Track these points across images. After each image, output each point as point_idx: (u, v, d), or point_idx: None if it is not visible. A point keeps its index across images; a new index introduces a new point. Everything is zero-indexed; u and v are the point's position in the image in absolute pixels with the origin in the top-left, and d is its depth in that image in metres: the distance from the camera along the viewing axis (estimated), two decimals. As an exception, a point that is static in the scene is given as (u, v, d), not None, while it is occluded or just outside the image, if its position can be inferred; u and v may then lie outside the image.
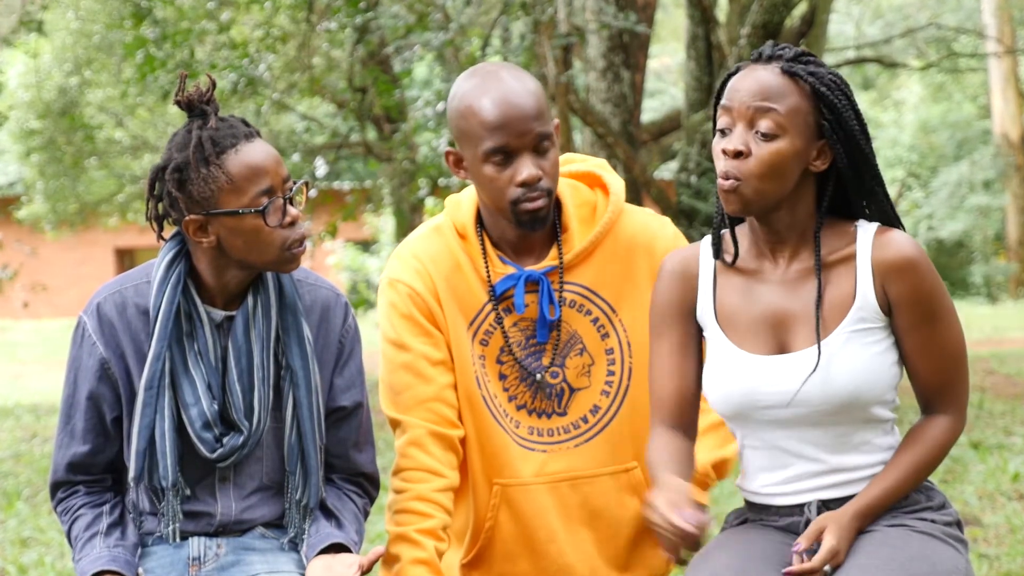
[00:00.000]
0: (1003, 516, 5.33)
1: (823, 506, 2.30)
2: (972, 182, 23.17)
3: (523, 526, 2.65)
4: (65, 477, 2.53)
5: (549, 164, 2.52)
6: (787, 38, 8.27)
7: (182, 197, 2.39)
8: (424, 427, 2.58)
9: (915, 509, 2.30)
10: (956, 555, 2.24)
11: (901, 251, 2.26)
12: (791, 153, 2.24)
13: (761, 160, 2.23)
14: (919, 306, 2.27)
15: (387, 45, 10.12)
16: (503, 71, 2.54)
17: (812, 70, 2.27)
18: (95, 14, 12.02)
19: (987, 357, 12.01)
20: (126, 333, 2.47)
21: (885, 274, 2.27)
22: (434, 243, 2.66)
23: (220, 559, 2.50)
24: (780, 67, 2.26)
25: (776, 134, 2.23)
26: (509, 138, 2.48)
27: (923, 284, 2.27)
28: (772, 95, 2.24)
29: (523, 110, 2.48)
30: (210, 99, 2.42)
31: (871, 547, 2.21)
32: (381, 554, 2.46)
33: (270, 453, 2.52)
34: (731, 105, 2.27)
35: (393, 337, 2.63)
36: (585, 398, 2.66)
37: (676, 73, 24.18)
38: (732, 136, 2.26)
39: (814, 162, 2.28)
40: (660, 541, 2.16)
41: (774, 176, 2.24)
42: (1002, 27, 20.77)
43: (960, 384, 2.33)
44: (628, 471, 2.67)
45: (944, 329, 2.29)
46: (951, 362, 2.31)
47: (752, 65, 2.29)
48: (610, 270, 2.64)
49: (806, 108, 2.25)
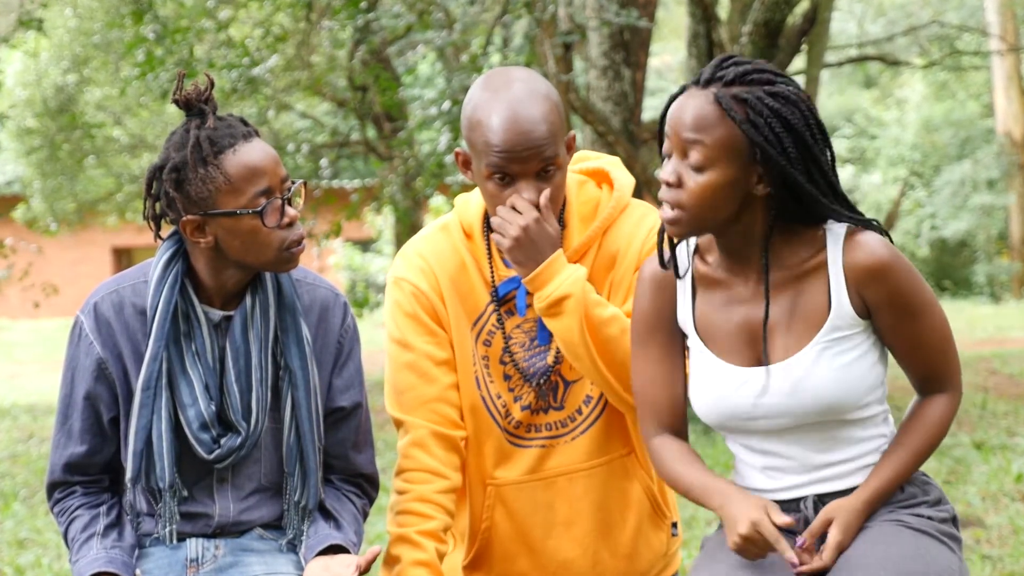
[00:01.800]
0: (1006, 517, 5.31)
1: (819, 501, 2.30)
2: (975, 181, 23.12)
3: (519, 525, 2.65)
4: (62, 477, 2.52)
5: (553, 188, 2.49)
6: (789, 36, 8.24)
7: (179, 197, 2.37)
8: (427, 428, 2.57)
9: (911, 503, 2.29)
10: (950, 554, 2.23)
11: (873, 255, 2.22)
12: (723, 183, 2.20)
13: (692, 192, 2.21)
14: (899, 307, 2.25)
15: (389, 44, 10.09)
16: (518, 85, 2.48)
17: (745, 96, 2.19)
18: (93, 12, 11.99)
19: (990, 357, 12.00)
20: (123, 333, 2.46)
21: (859, 280, 2.24)
22: (440, 242, 2.65)
23: (218, 560, 2.49)
24: (715, 93, 2.19)
25: (704, 166, 2.20)
26: (512, 163, 2.45)
27: (900, 285, 2.25)
28: (701, 126, 2.19)
29: (530, 137, 2.44)
30: (208, 98, 2.41)
31: (865, 546, 2.20)
32: (378, 553, 2.45)
33: (268, 454, 2.51)
34: (668, 132, 2.24)
35: (398, 336, 2.62)
36: (579, 389, 2.65)
37: (677, 71, 24.16)
38: (666, 166, 2.24)
39: (756, 186, 2.22)
40: (744, 552, 2.22)
41: (709, 206, 2.21)
42: (1005, 25, 20.70)
43: (951, 365, 2.33)
44: (623, 457, 2.67)
45: (927, 321, 2.28)
46: (939, 352, 2.31)
47: (691, 90, 2.24)
48: (605, 265, 2.62)
49: (736, 138, 2.19)
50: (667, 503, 2.74)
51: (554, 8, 7.79)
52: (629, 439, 2.67)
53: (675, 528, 2.76)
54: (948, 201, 23.49)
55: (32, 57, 13.85)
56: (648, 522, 2.70)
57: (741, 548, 2.21)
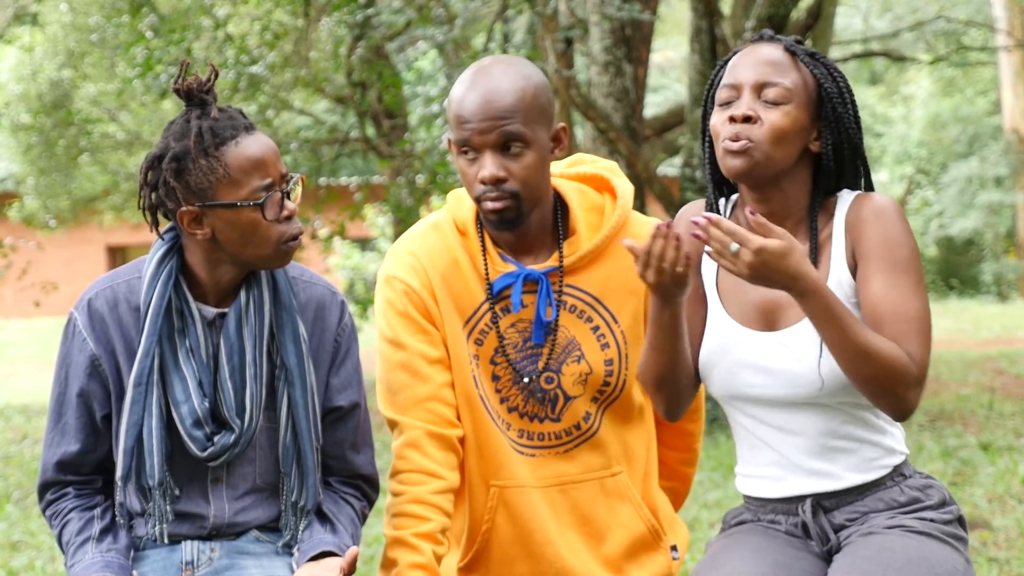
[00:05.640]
0: (1013, 519, 5.26)
1: (817, 504, 2.30)
2: (983, 179, 23.06)
3: (520, 528, 2.62)
4: (54, 477, 2.50)
5: (519, 167, 2.47)
6: (793, 31, 8.22)
7: (179, 187, 2.36)
8: (422, 428, 2.54)
9: (913, 508, 2.29)
10: (954, 554, 2.22)
11: (872, 205, 2.29)
12: (795, 123, 2.28)
13: (769, 125, 2.27)
14: (882, 254, 2.24)
15: (389, 40, 10.04)
16: (499, 65, 2.51)
17: (813, 51, 2.35)
18: (89, 6, 11.94)
19: (997, 357, 11.99)
20: (117, 329, 2.44)
21: (853, 230, 2.28)
22: (431, 239, 2.63)
23: (214, 563, 2.47)
24: (784, 45, 2.33)
25: (783, 101, 2.28)
26: (472, 134, 2.46)
27: (889, 232, 2.25)
28: (779, 68, 2.30)
29: (494, 107, 2.44)
30: (210, 89, 2.40)
31: (867, 550, 2.18)
32: (356, 555, 2.42)
33: (263, 454, 2.49)
34: (739, 75, 2.31)
35: (390, 335, 2.60)
36: (578, 406, 2.62)
37: (680, 67, 24.10)
38: (739, 103, 2.29)
39: (813, 142, 2.31)
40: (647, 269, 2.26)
41: (782, 142, 2.27)
42: (1012, 20, 20.62)
43: (912, 339, 2.20)
44: (615, 475, 2.65)
45: (908, 287, 2.22)
46: (913, 325, 2.21)
47: (753, 45, 2.36)
48: (615, 278, 2.60)
49: (807, 85, 2.31)
50: (663, 525, 2.70)
51: (555, 3, 7.77)
52: (623, 459, 2.66)
53: (675, 551, 2.72)
54: (955, 199, 23.45)
55: (27, 52, 13.81)
56: (642, 543, 2.67)
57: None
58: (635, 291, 2.60)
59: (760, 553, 2.27)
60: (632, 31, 8.39)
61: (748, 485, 2.41)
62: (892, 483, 2.32)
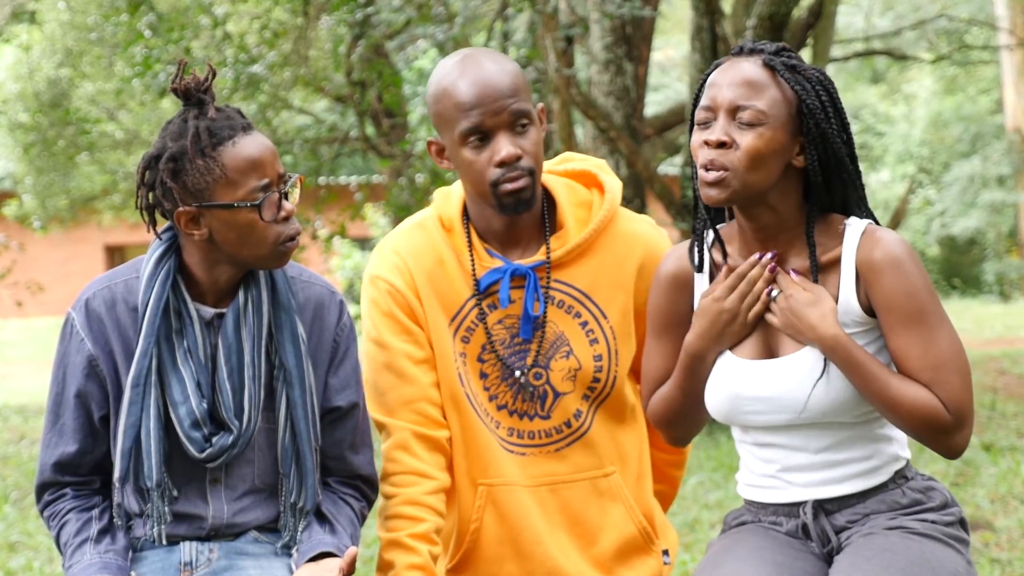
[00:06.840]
0: (1016, 520, 5.26)
1: (819, 507, 2.30)
2: (985, 178, 23.04)
3: (509, 528, 2.61)
4: (52, 478, 2.49)
5: (529, 144, 2.48)
6: (794, 30, 8.18)
7: (176, 187, 2.35)
8: (408, 429, 2.54)
9: (915, 510, 2.28)
10: (956, 556, 2.22)
11: (885, 250, 2.24)
12: (773, 144, 2.22)
13: (744, 151, 2.21)
14: (901, 306, 2.21)
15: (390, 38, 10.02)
16: (480, 54, 2.51)
17: (793, 64, 2.26)
18: (87, 4, 11.91)
19: (999, 357, 11.97)
20: (115, 330, 2.44)
21: (867, 273, 2.24)
22: (416, 238, 2.62)
23: (212, 564, 2.46)
24: (762, 60, 2.26)
25: (757, 123, 2.22)
26: (484, 117, 2.44)
27: (906, 283, 2.21)
28: (754, 86, 2.23)
29: (497, 88, 2.44)
30: (208, 88, 2.39)
31: (869, 552, 2.18)
32: (355, 555, 2.42)
33: (262, 455, 2.49)
34: (714, 96, 2.26)
35: (375, 336, 2.59)
36: (569, 403, 2.61)
37: (681, 66, 24.07)
38: (714, 127, 2.25)
39: (796, 157, 2.26)
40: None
41: (759, 165, 2.22)
42: (1015, 19, 20.57)
43: (954, 388, 2.18)
44: (607, 476, 2.64)
45: (930, 332, 2.20)
46: (941, 371, 2.19)
47: (733, 59, 2.29)
48: (604, 273, 2.59)
49: (786, 102, 2.24)
50: (656, 529, 2.69)
51: (555, 1, 7.76)
52: (616, 459, 2.64)
53: (666, 556, 2.71)
54: (957, 198, 23.43)
55: (25, 50, 13.78)
56: (633, 546, 2.65)
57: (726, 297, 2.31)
58: (624, 286, 2.59)
59: (760, 553, 2.26)
60: (633, 29, 8.38)
61: (750, 492, 2.40)
62: (894, 485, 2.31)
